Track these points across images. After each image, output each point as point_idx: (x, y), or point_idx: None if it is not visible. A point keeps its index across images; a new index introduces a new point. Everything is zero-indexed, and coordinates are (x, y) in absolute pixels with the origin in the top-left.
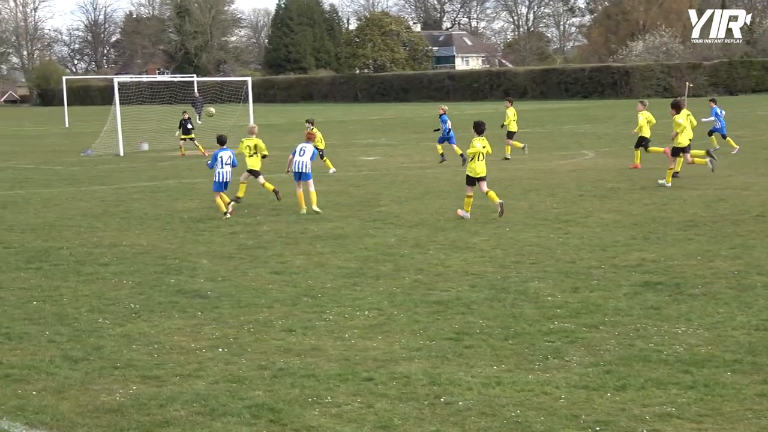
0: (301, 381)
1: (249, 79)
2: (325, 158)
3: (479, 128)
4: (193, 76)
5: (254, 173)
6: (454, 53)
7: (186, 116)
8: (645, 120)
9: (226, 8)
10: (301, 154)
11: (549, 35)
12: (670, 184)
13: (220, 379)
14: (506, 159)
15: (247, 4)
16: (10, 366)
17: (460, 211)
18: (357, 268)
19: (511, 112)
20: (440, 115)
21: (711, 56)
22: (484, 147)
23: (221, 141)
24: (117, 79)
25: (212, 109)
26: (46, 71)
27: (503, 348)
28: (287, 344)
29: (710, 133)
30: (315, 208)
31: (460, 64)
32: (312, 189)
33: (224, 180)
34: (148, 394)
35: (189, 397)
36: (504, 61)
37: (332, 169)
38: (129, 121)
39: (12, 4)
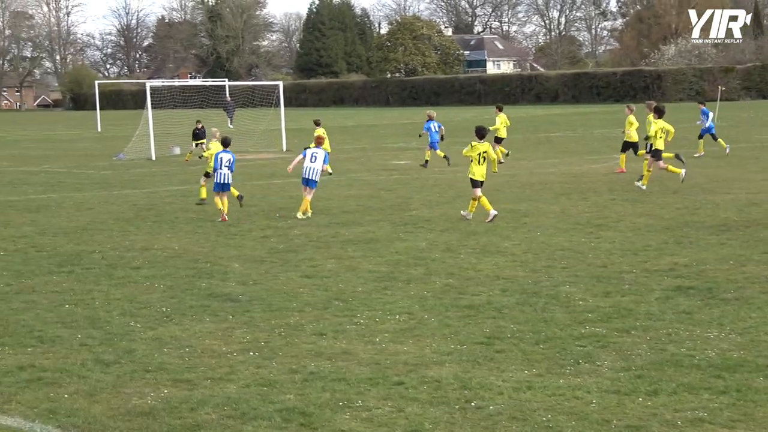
0: (331, 385)
1: (280, 84)
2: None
3: (480, 133)
4: (224, 81)
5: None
6: (486, 57)
7: (199, 126)
8: (629, 123)
9: (257, 12)
10: (313, 160)
11: (581, 39)
12: (645, 186)
13: (251, 382)
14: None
15: (279, 9)
16: (42, 369)
17: (487, 219)
18: (388, 272)
19: (500, 119)
20: (426, 121)
21: (744, 60)
22: (485, 152)
23: (225, 143)
24: (149, 84)
25: (215, 129)
26: (78, 75)
27: (534, 352)
28: (318, 348)
29: (700, 136)
30: (300, 214)
31: (491, 68)
32: (310, 197)
33: (223, 181)
34: (179, 398)
35: (220, 401)
36: (535, 65)
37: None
38: (161, 125)
39: (45, 9)
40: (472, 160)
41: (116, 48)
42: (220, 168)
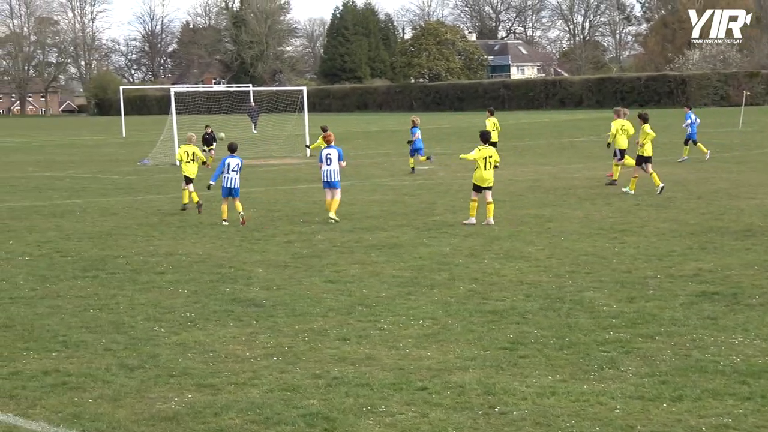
0: (355, 390)
1: (304, 89)
2: None
3: (485, 137)
4: (248, 86)
5: (188, 180)
6: (510, 62)
7: (209, 130)
8: (617, 129)
9: (282, 18)
10: (329, 162)
11: (605, 44)
12: (633, 191)
13: (275, 387)
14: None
15: (303, 14)
16: (67, 374)
17: (465, 221)
18: (411, 277)
19: (490, 122)
20: (412, 127)
21: None
22: (491, 156)
23: (232, 148)
24: (173, 89)
25: (222, 134)
26: (103, 81)
27: (558, 358)
28: (342, 353)
29: (686, 141)
30: (333, 215)
31: (515, 73)
32: (338, 197)
33: (230, 186)
34: (203, 403)
35: (244, 406)
36: (559, 70)
37: None
38: (185, 130)
39: (70, 14)
40: (477, 166)
41: (141, 53)
42: (228, 172)
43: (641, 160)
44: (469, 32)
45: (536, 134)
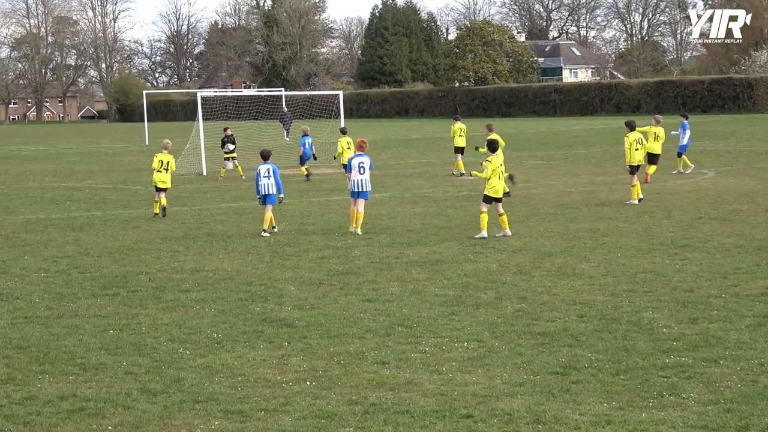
0: (394, 417)
1: (341, 93)
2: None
3: (492, 146)
4: (281, 90)
5: (160, 189)
6: (562, 64)
7: (228, 132)
8: (652, 136)
9: (316, 18)
10: (361, 171)
11: (664, 45)
12: (636, 201)
13: (308, 414)
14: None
15: (339, 13)
16: (85, 399)
17: (477, 235)
18: (455, 296)
19: (456, 128)
20: (302, 136)
21: None
22: (501, 165)
23: (264, 156)
24: (200, 94)
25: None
26: (125, 85)
27: (614, 384)
28: (380, 378)
29: (679, 155)
30: (358, 230)
31: (567, 77)
32: (362, 209)
33: (265, 192)
34: (230, 430)
35: None
36: (615, 73)
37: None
38: (213, 138)
39: (90, 14)
40: (490, 177)
41: (165, 55)
42: (260, 179)
43: (635, 169)
44: (518, 32)
45: (590, 142)
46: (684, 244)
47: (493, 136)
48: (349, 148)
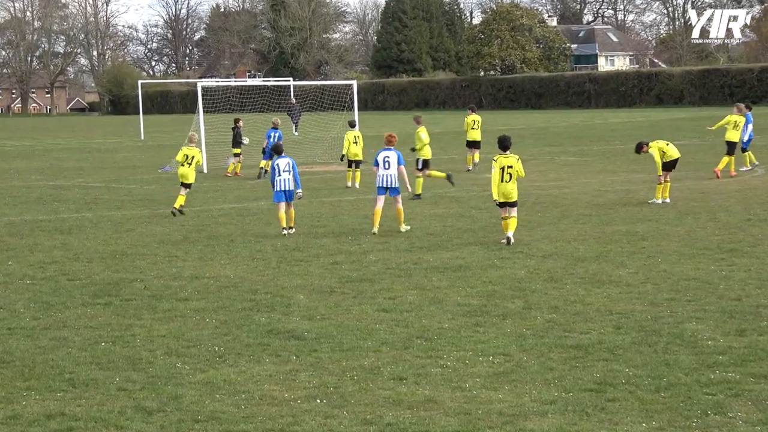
0: None
1: (354, 83)
2: (357, 171)
3: (504, 143)
4: (289, 80)
5: (185, 185)
6: (597, 51)
7: (240, 124)
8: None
9: (328, 0)
10: (387, 166)
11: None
12: (660, 201)
13: None
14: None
15: None
16: (74, 417)
17: (501, 240)
18: (480, 305)
19: (469, 120)
20: (271, 129)
21: None
22: (510, 166)
23: (278, 150)
24: (201, 84)
25: (247, 140)
26: (119, 74)
27: (654, 402)
28: (397, 395)
29: (743, 149)
30: (403, 226)
31: (603, 65)
32: (400, 205)
33: (285, 188)
34: None
35: None
36: (656, 61)
37: (354, 184)
38: (214, 132)
39: None
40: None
41: (163, 42)
42: (279, 174)
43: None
44: (549, 16)
45: (628, 136)
46: (731, 249)
47: (421, 129)
48: (355, 143)
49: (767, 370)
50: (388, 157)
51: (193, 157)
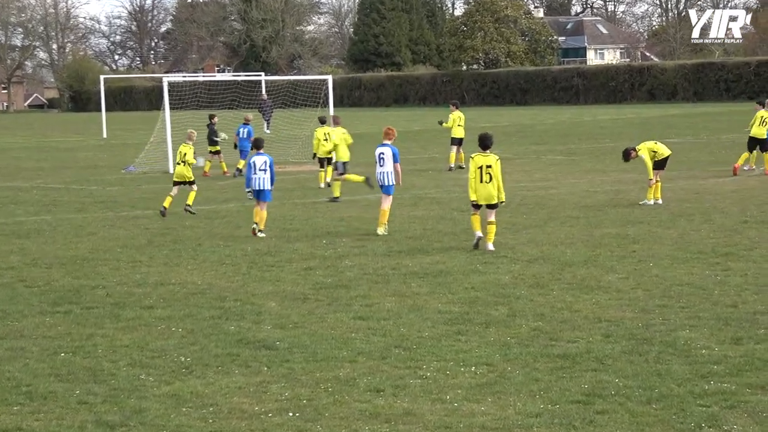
0: None
1: (329, 78)
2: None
3: (483, 142)
4: (260, 75)
5: (178, 183)
6: (586, 44)
7: (214, 120)
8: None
9: None
10: (381, 163)
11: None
12: (652, 202)
13: None
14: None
15: None
16: None
17: (477, 233)
18: (461, 312)
19: (453, 118)
20: (242, 124)
21: None
22: (489, 166)
23: (257, 145)
24: (167, 79)
25: (224, 135)
26: (80, 69)
27: (645, 414)
28: (374, 408)
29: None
30: (381, 229)
31: (592, 58)
32: (387, 206)
33: (259, 187)
34: None
35: None
36: (648, 54)
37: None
38: (181, 130)
39: None
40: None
41: (127, 35)
42: (255, 172)
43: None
44: (536, 7)
45: (618, 134)
46: (726, 252)
47: (337, 130)
48: (326, 140)
49: (764, 380)
50: (383, 153)
51: (184, 154)
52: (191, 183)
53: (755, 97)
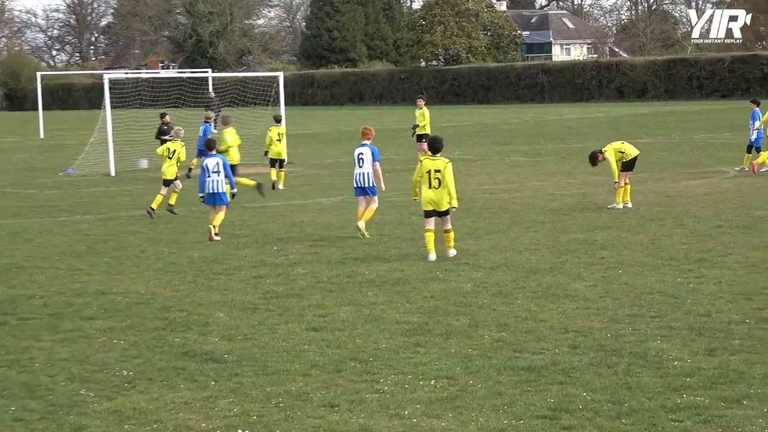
0: None
1: (281, 75)
2: (281, 171)
3: (432, 145)
4: (207, 71)
5: (166, 182)
6: (551, 39)
7: (166, 119)
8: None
9: None
10: (360, 164)
11: (676, 15)
12: (621, 205)
13: None
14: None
15: None
16: None
17: (430, 255)
18: (420, 323)
19: (419, 114)
20: (204, 122)
21: None
22: (438, 170)
23: (209, 146)
24: (108, 76)
25: (179, 128)
26: (15, 65)
27: (614, 429)
28: (328, 424)
29: (749, 149)
30: (362, 224)
31: (558, 54)
32: (374, 206)
33: (213, 190)
34: None
35: None
36: (617, 50)
37: (277, 185)
38: (123, 130)
39: None
40: (422, 182)
41: (65, 29)
42: (208, 175)
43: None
44: (498, 1)
45: (586, 134)
46: (700, 259)
47: (228, 131)
48: (279, 140)
49: (739, 393)
50: (362, 153)
51: (174, 151)
52: (169, 183)
53: (729, 95)
